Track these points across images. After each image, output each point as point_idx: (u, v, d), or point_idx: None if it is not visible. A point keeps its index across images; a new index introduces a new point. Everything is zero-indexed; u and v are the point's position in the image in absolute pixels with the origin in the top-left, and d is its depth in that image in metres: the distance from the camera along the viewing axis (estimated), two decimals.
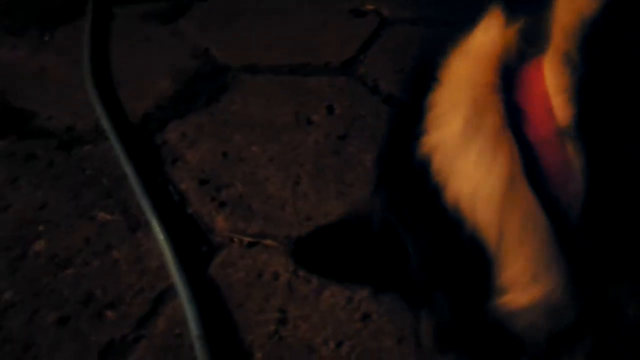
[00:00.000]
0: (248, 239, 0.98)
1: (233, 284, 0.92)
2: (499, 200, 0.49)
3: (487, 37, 0.53)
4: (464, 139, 0.50)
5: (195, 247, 0.98)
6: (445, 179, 0.51)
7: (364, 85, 1.33)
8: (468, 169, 0.50)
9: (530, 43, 0.51)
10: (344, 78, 1.36)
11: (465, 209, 0.50)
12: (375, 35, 1.50)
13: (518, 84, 0.51)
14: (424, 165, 0.52)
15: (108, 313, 0.88)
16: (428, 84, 0.53)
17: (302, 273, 0.92)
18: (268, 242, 0.98)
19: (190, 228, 1.01)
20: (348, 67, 1.39)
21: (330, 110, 1.26)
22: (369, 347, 0.83)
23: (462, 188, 0.50)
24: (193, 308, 0.86)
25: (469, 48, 0.53)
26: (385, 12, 1.58)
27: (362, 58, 1.42)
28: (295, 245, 0.85)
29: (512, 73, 0.51)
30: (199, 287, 0.90)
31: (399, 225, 0.57)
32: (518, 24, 0.52)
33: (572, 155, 0.46)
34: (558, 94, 0.47)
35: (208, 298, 0.89)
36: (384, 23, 1.55)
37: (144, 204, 1.03)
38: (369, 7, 1.59)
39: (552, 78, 0.48)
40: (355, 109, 1.26)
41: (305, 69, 1.39)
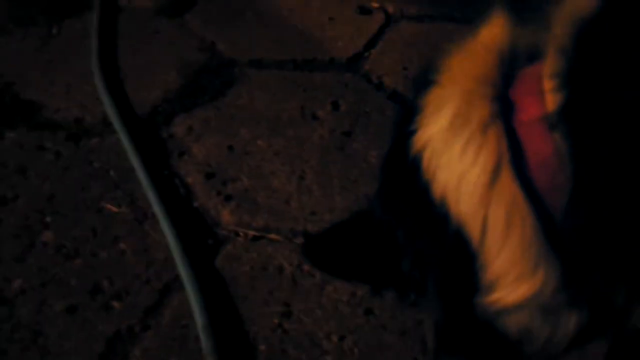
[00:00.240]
0: (253, 233, 1.00)
1: (238, 277, 0.93)
2: (483, 193, 0.48)
3: (489, 34, 0.53)
4: (452, 133, 0.50)
5: (201, 240, 0.99)
6: (433, 173, 0.50)
7: (369, 82, 1.34)
8: (453, 162, 0.49)
9: (532, 41, 0.51)
10: (350, 74, 1.37)
11: (450, 203, 0.49)
12: (381, 32, 1.51)
13: (517, 81, 0.50)
14: (415, 161, 0.52)
15: (115, 303, 0.89)
16: (428, 82, 0.53)
17: (306, 267, 0.93)
18: (273, 236, 0.99)
19: (197, 221, 1.02)
20: (354, 63, 1.40)
21: (336, 106, 1.27)
22: (372, 341, 0.84)
23: (447, 181, 0.50)
24: (199, 300, 0.87)
25: (471, 45, 0.53)
26: (391, 9, 1.59)
27: (367, 55, 1.43)
28: (305, 241, 0.86)
29: (512, 70, 0.51)
30: (205, 279, 0.92)
31: (394, 222, 0.57)
32: (521, 23, 0.52)
33: (560, 146, 0.45)
34: (549, 81, 0.47)
35: (213, 290, 0.91)
36: (390, 20, 1.56)
37: (151, 197, 1.04)
38: (375, 4, 1.60)
39: (546, 67, 0.47)
40: (361, 105, 1.27)
41: (311, 65, 1.40)
